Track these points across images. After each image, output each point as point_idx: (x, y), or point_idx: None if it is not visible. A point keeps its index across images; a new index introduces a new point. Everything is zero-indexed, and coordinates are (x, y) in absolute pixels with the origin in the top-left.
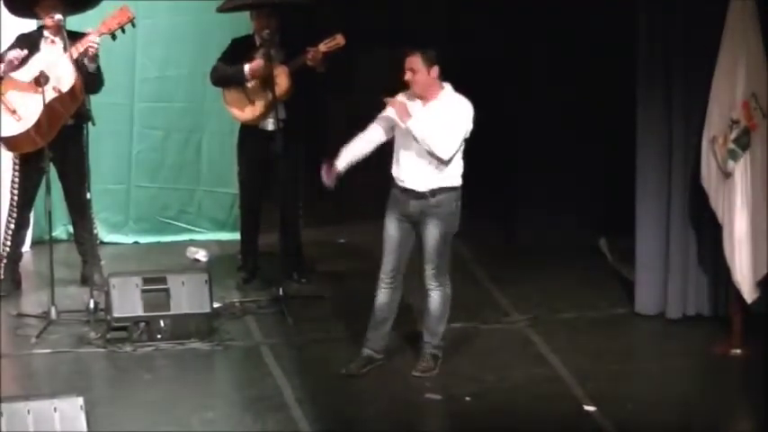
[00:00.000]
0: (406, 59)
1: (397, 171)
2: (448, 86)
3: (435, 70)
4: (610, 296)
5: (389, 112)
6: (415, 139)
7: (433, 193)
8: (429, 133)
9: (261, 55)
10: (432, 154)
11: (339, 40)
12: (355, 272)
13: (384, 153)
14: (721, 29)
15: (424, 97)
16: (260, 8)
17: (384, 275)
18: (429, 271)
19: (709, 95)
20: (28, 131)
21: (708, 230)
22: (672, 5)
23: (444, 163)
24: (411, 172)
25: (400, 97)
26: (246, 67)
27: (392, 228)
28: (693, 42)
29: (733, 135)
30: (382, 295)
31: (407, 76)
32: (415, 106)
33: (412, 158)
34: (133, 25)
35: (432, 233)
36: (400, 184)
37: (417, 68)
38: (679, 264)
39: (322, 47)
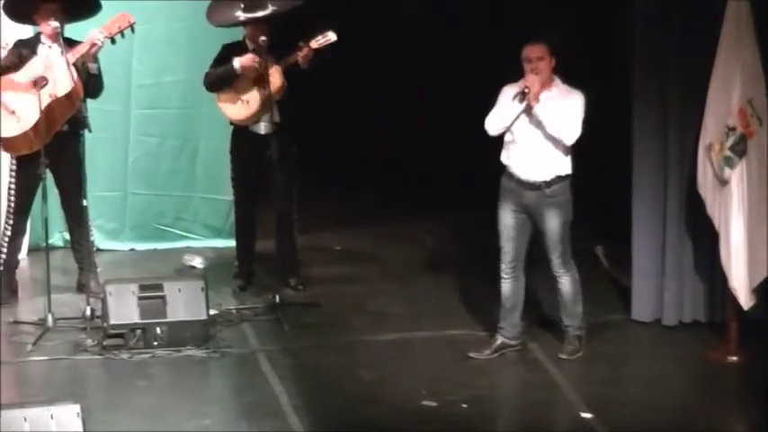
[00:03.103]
0: (528, 49)
1: (509, 162)
2: (557, 78)
3: (554, 61)
4: (606, 303)
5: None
6: (542, 123)
7: (549, 183)
8: (555, 118)
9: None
10: (557, 139)
11: (330, 36)
12: (352, 279)
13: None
14: (717, 36)
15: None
16: (255, 24)
17: (504, 266)
18: (555, 260)
19: (706, 102)
20: (26, 133)
21: (704, 237)
22: (668, 12)
23: (567, 149)
24: (526, 163)
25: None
26: (236, 61)
27: (508, 218)
28: (689, 49)
29: (729, 142)
30: (506, 285)
31: (532, 65)
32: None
33: (526, 150)
34: (132, 30)
35: (552, 224)
36: (515, 175)
37: (543, 55)
38: (675, 270)
39: (314, 44)
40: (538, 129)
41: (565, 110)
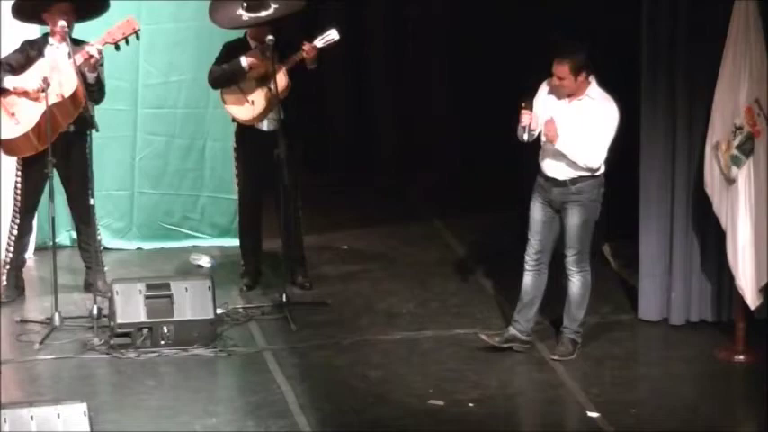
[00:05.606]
0: (555, 66)
1: (541, 159)
2: (593, 82)
3: (582, 75)
4: (613, 302)
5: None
6: (566, 155)
7: (574, 181)
8: (577, 149)
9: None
10: (582, 166)
11: (333, 34)
12: (359, 278)
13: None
14: (724, 35)
15: (570, 96)
16: (261, 26)
17: (528, 257)
18: (570, 257)
19: (713, 101)
20: (26, 135)
21: (711, 236)
22: (675, 11)
23: (595, 170)
24: (552, 161)
25: (544, 88)
26: (243, 59)
27: (537, 211)
28: (697, 49)
29: (736, 141)
30: (528, 278)
31: (555, 82)
32: (560, 103)
33: (552, 150)
34: (137, 37)
35: (572, 220)
36: (544, 172)
37: (565, 76)
38: (682, 270)
39: (317, 42)
40: (564, 131)
41: (592, 128)
